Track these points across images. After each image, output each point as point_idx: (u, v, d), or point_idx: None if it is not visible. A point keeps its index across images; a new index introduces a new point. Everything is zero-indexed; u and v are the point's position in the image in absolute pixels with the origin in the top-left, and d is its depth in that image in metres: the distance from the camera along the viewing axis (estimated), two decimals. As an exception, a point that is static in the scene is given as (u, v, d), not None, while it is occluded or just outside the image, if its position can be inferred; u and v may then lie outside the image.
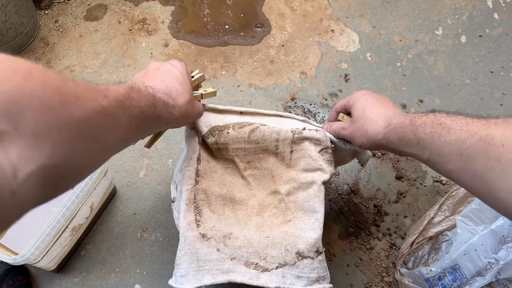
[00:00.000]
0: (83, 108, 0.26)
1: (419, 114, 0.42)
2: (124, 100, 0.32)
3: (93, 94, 0.28)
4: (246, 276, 0.49)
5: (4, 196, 0.20)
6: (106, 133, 0.29)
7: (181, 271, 0.50)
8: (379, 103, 0.49)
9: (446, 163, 0.37)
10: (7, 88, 0.20)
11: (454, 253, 0.56)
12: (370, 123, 0.48)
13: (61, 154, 0.23)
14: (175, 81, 0.44)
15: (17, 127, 0.20)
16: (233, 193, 0.56)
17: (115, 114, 0.30)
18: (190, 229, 0.51)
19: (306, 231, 0.52)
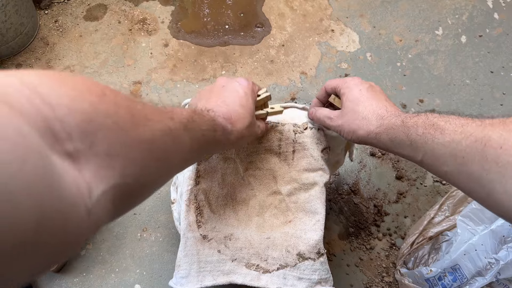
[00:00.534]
0: (152, 129, 0.26)
1: (411, 115, 0.41)
2: (188, 123, 0.33)
3: (160, 116, 0.28)
4: (247, 277, 0.49)
5: (81, 215, 0.20)
6: (172, 154, 0.30)
7: (182, 272, 0.50)
8: (373, 97, 0.46)
9: (440, 165, 0.36)
10: (83, 108, 0.21)
11: (454, 253, 0.56)
12: (362, 120, 0.45)
13: (131, 173, 0.24)
14: (238, 102, 0.44)
15: (92, 146, 0.21)
16: (233, 193, 0.56)
17: (180, 136, 0.31)
18: (191, 230, 0.51)
19: (307, 232, 0.52)
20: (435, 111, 0.40)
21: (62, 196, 0.18)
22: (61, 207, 0.18)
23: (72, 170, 0.19)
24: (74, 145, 0.20)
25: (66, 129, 0.19)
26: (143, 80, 0.85)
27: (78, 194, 0.19)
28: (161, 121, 0.28)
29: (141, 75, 0.85)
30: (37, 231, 0.16)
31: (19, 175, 0.15)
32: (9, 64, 0.84)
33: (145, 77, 0.85)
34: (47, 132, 0.18)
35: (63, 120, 0.19)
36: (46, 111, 0.19)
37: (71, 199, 0.19)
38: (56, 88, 0.20)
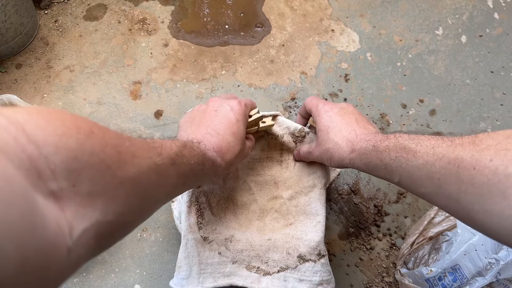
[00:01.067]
0: (139, 166, 0.26)
1: (381, 137, 0.41)
2: (176, 158, 0.33)
3: (148, 152, 0.29)
4: (248, 279, 0.49)
5: (62, 254, 0.20)
6: (157, 189, 0.30)
7: (183, 273, 0.50)
8: (342, 122, 0.46)
9: (418, 187, 0.36)
10: (70, 145, 0.21)
11: (455, 253, 0.56)
12: (334, 147, 0.45)
13: (114, 211, 0.24)
14: (229, 130, 0.44)
15: (75, 185, 0.21)
16: (234, 197, 0.57)
17: (167, 171, 0.31)
18: (191, 231, 0.51)
19: (308, 233, 0.52)
20: (396, 133, 0.40)
21: (44, 236, 0.18)
22: (43, 247, 0.18)
23: (55, 209, 0.19)
24: (58, 184, 0.20)
25: (51, 167, 0.19)
26: (143, 80, 0.85)
27: (59, 233, 0.19)
28: (148, 157, 0.28)
29: (141, 75, 0.85)
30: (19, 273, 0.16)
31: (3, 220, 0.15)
32: (9, 64, 0.84)
33: (145, 77, 0.85)
34: (32, 171, 0.18)
35: (49, 158, 0.19)
36: (31, 150, 0.19)
37: (53, 239, 0.19)
38: (44, 126, 0.20)
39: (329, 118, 0.47)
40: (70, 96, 0.82)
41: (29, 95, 0.81)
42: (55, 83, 0.83)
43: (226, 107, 0.46)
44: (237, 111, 0.46)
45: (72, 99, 0.82)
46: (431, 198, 0.35)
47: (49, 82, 0.83)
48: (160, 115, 0.81)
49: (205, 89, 0.85)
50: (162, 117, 0.81)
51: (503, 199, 0.27)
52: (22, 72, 0.84)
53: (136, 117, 0.81)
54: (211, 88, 0.85)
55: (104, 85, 0.84)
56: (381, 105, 0.84)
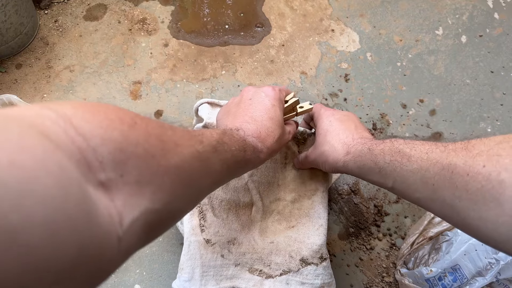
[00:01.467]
0: (182, 155, 0.27)
1: (377, 141, 0.41)
2: (217, 145, 0.33)
3: (189, 140, 0.29)
4: (250, 282, 0.49)
5: (112, 243, 0.20)
6: (202, 177, 0.30)
7: (185, 275, 0.50)
8: (341, 127, 0.47)
9: (412, 192, 0.35)
10: (115, 137, 0.21)
11: (455, 253, 0.56)
12: (329, 150, 0.46)
13: (161, 199, 0.24)
14: (266, 116, 0.44)
15: (123, 175, 0.21)
16: (237, 198, 0.57)
17: (209, 159, 0.31)
18: (194, 234, 0.51)
19: (310, 237, 0.52)
20: (392, 137, 0.40)
21: (97, 225, 0.18)
22: (97, 236, 0.18)
23: (105, 199, 0.20)
24: (107, 174, 0.20)
25: (99, 158, 0.20)
26: (143, 80, 0.85)
27: (111, 223, 0.20)
28: (191, 145, 0.29)
29: (141, 75, 0.85)
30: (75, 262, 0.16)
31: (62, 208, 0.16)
32: (9, 64, 0.84)
33: (145, 77, 0.85)
34: (82, 163, 0.19)
35: (96, 150, 0.20)
36: (80, 142, 0.19)
37: (105, 228, 0.19)
38: (89, 119, 0.20)
39: (329, 123, 0.48)
40: (70, 96, 0.82)
41: (29, 95, 0.81)
42: (55, 83, 0.83)
43: (260, 93, 0.47)
44: (272, 96, 0.46)
45: (72, 99, 0.82)
46: (426, 204, 0.35)
47: (49, 82, 0.83)
48: (160, 115, 0.81)
49: (205, 89, 0.85)
50: (162, 117, 0.81)
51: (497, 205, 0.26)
52: (22, 72, 0.84)
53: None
54: (211, 88, 0.85)
55: (104, 85, 0.84)
56: (381, 105, 0.84)
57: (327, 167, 0.47)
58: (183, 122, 0.81)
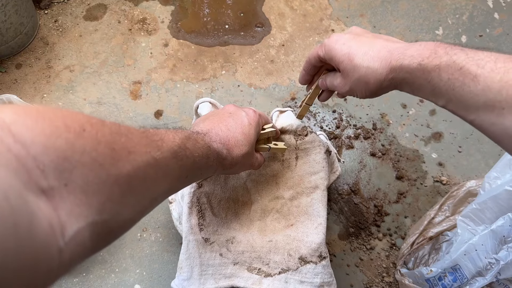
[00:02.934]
0: (135, 162, 0.26)
1: (428, 53, 0.34)
2: (179, 151, 0.32)
3: (146, 147, 0.28)
4: (249, 281, 0.49)
5: (51, 254, 0.19)
6: (156, 184, 0.29)
7: (184, 274, 0.50)
8: (361, 43, 0.40)
9: (468, 113, 0.32)
10: (58, 145, 0.20)
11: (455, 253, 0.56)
12: (367, 73, 0.39)
13: (110, 209, 0.23)
14: (239, 130, 0.43)
15: (67, 184, 0.20)
16: (236, 197, 0.57)
17: (167, 165, 0.30)
18: (192, 233, 0.51)
19: (309, 235, 0.52)
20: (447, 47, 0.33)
21: (31, 236, 0.18)
22: (31, 246, 0.18)
23: (47, 207, 0.19)
24: (49, 183, 0.20)
25: (40, 167, 0.19)
26: (143, 80, 0.85)
27: (51, 233, 0.19)
28: (146, 152, 0.27)
29: (141, 75, 0.85)
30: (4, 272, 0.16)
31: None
32: (9, 64, 0.84)
33: (145, 77, 0.85)
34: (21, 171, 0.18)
35: (37, 158, 0.19)
36: (18, 150, 0.18)
37: (43, 238, 0.19)
38: (31, 126, 0.20)
39: (344, 46, 0.41)
40: (70, 96, 0.82)
41: (29, 95, 0.81)
42: (55, 83, 0.83)
43: (241, 112, 0.46)
44: (251, 116, 0.46)
45: (72, 99, 0.82)
46: (481, 126, 0.31)
47: (49, 82, 0.83)
48: (160, 115, 0.81)
49: (205, 89, 0.85)
50: (162, 117, 0.81)
51: None
52: (22, 72, 0.84)
53: (136, 117, 0.81)
54: (211, 88, 0.85)
55: (104, 85, 0.84)
56: (381, 105, 0.84)
57: (368, 93, 0.41)
58: (183, 122, 0.81)
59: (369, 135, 0.81)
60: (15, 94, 0.68)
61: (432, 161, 0.79)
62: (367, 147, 0.80)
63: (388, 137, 0.81)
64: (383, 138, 0.81)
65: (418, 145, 0.80)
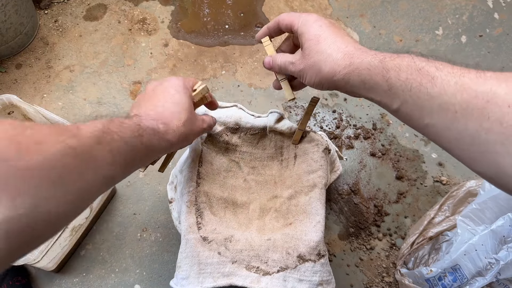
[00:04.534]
0: (46, 152, 0.25)
1: (390, 54, 0.34)
2: (102, 135, 0.31)
3: (57, 136, 0.27)
4: (247, 279, 0.49)
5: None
6: (81, 173, 0.28)
7: (182, 273, 0.50)
8: (336, 33, 0.39)
9: (422, 117, 0.32)
10: None
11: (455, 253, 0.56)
12: (326, 60, 0.38)
13: (24, 203, 0.23)
14: (170, 101, 0.42)
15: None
16: (234, 196, 0.57)
17: (90, 152, 0.29)
18: (191, 231, 0.51)
19: (307, 233, 0.52)
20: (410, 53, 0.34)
21: None
22: None
23: None
24: None
25: None
26: (143, 80, 0.85)
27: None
28: (59, 141, 0.26)
29: (141, 75, 0.85)
30: None
31: None
32: (9, 64, 0.84)
33: (145, 77, 0.85)
34: None
35: None
36: None
37: None
38: None
39: (320, 28, 0.40)
40: (70, 96, 0.82)
41: (29, 95, 0.81)
42: (55, 83, 0.83)
43: (163, 83, 0.45)
44: (175, 83, 0.45)
45: (72, 99, 0.82)
46: (434, 132, 0.31)
47: (49, 82, 0.83)
48: (160, 115, 0.81)
49: (205, 89, 0.85)
50: (162, 117, 0.81)
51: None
52: (22, 72, 0.84)
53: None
54: (211, 88, 0.85)
55: (104, 85, 0.84)
56: (381, 105, 0.84)
57: (318, 80, 0.40)
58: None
59: (369, 135, 0.81)
60: (15, 94, 0.68)
61: (432, 161, 0.79)
62: (367, 147, 0.80)
63: (388, 137, 0.81)
64: (383, 138, 0.81)
65: (418, 145, 0.80)
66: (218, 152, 0.58)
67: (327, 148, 0.57)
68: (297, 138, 0.57)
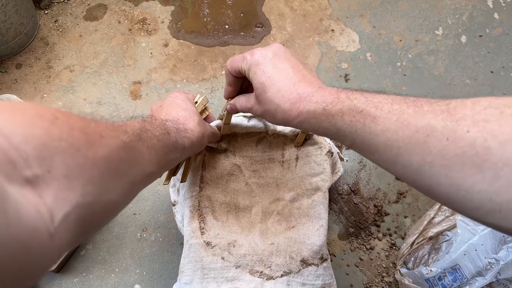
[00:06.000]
0: (108, 145, 0.27)
1: (332, 99, 0.35)
2: (141, 133, 0.33)
3: (114, 131, 0.29)
4: (251, 284, 0.49)
5: (43, 239, 0.20)
6: (131, 167, 0.30)
7: (186, 278, 0.50)
8: (279, 77, 0.40)
9: (372, 152, 0.33)
10: (36, 133, 0.21)
11: (454, 253, 0.56)
12: (276, 110, 0.39)
13: (92, 191, 0.24)
14: (179, 108, 0.46)
15: (50, 170, 0.21)
16: (236, 200, 0.57)
17: (136, 148, 0.31)
18: (194, 236, 0.51)
19: (310, 237, 0.52)
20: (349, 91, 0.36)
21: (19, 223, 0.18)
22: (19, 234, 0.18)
23: (32, 196, 0.20)
24: (33, 171, 0.20)
25: (23, 156, 0.20)
26: (143, 80, 0.85)
27: (40, 219, 0.20)
28: (116, 136, 0.29)
29: (141, 75, 0.85)
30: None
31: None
32: (9, 64, 0.84)
33: (145, 77, 0.85)
34: (5, 162, 0.19)
35: (19, 148, 0.20)
36: (1, 142, 0.19)
37: (32, 225, 0.19)
38: (9, 118, 0.21)
39: (263, 74, 0.40)
40: (70, 96, 0.82)
41: (29, 95, 0.81)
42: (55, 83, 0.83)
43: (167, 98, 0.49)
44: (178, 96, 0.48)
45: (72, 99, 0.82)
46: (385, 166, 0.33)
47: (49, 82, 0.83)
48: (160, 115, 0.81)
49: (205, 89, 0.85)
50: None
51: (477, 172, 0.25)
52: (22, 72, 0.84)
53: (136, 117, 0.81)
54: (211, 88, 0.85)
55: (104, 85, 0.84)
56: (381, 105, 0.84)
57: (278, 123, 0.42)
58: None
59: (369, 135, 0.81)
60: (15, 94, 0.68)
61: (432, 161, 0.78)
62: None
63: (388, 137, 0.81)
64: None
65: (418, 145, 0.80)
66: (220, 156, 0.58)
67: (330, 151, 0.57)
68: (300, 140, 0.57)
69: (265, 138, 0.58)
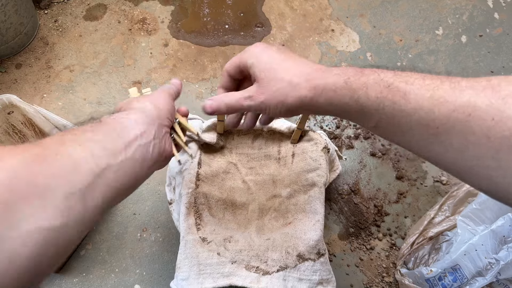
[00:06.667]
0: None
1: (354, 72, 0.32)
2: None
3: None
4: (247, 279, 0.49)
5: None
6: None
7: (182, 274, 0.50)
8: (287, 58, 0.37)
9: (401, 133, 0.30)
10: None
11: (455, 253, 0.56)
12: (288, 86, 0.35)
13: None
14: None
15: None
16: (233, 197, 0.57)
17: None
18: (190, 232, 0.51)
19: (306, 232, 0.52)
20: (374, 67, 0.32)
21: None
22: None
23: None
24: None
25: None
26: (143, 80, 0.85)
27: None
28: None
29: (141, 75, 0.85)
30: None
31: None
32: (9, 64, 0.84)
33: (145, 77, 0.85)
34: None
35: None
36: None
37: None
38: None
39: (269, 57, 0.37)
40: (70, 96, 0.82)
41: (29, 95, 0.81)
42: (55, 83, 0.83)
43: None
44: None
45: (72, 99, 0.82)
46: (417, 147, 0.30)
47: (49, 82, 0.83)
48: (160, 115, 0.81)
49: (205, 89, 0.85)
50: (162, 117, 0.81)
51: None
52: (22, 72, 0.84)
53: None
54: (211, 88, 0.85)
55: (104, 85, 0.84)
56: (381, 105, 0.84)
57: (284, 109, 0.36)
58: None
59: (369, 135, 0.81)
60: (15, 94, 0.68)
61: (432, 161, 0.78)
62: (367, 147, 0.80)
63: (388, 137, 0.81)
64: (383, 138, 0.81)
65: (418, 145, 0.80)
66: (216, 155, 0.58)
67: (326, 147, 0.57)
68: (296, 137, 0.57)
69: (261, 135, 0.58)
